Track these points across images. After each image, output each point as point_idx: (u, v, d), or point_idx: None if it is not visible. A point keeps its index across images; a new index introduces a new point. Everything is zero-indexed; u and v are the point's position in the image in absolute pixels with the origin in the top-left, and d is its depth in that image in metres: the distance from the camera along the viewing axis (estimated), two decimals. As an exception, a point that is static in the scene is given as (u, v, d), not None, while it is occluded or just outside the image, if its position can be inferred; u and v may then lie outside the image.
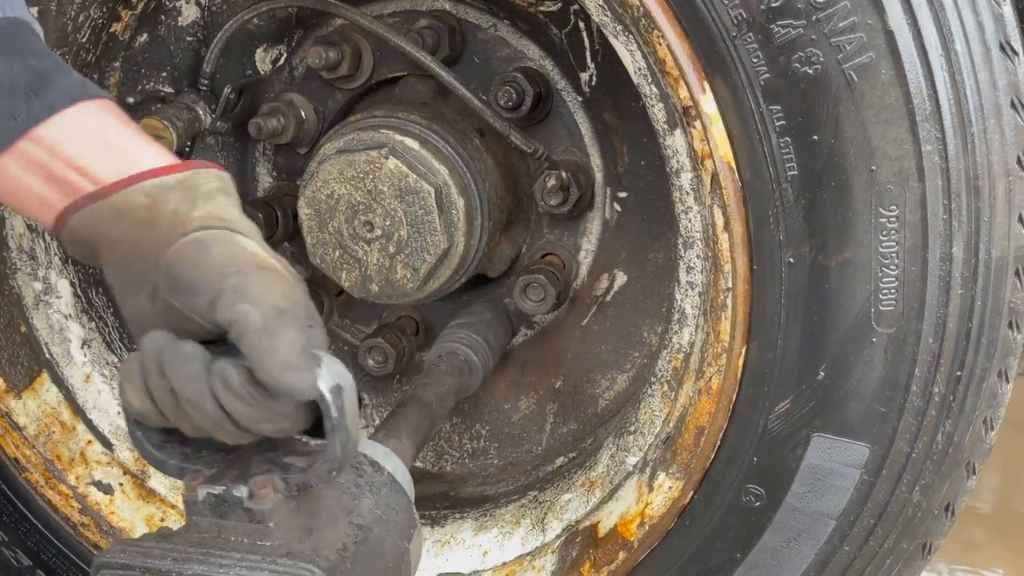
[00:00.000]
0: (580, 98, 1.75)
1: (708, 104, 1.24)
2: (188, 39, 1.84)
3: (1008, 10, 1.17)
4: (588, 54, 1.71)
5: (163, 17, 1.82)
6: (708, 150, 1.27)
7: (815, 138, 1.20)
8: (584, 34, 1.69)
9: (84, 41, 1.69)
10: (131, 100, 1.84)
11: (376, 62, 1.80)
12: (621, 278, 1.84)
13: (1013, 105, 1.18)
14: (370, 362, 1.89)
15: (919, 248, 1.21)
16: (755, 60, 1.20)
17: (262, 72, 1.88)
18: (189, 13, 1.82)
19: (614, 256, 1.83)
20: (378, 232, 1.64)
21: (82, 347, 1.87)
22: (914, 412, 1.27)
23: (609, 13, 1.33)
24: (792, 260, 1.26)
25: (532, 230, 1.86)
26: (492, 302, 1.88)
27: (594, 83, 1.72)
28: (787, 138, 1.21)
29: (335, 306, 2.01)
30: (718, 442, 1.39)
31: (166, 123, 1.73)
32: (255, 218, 1.88)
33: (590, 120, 1.76)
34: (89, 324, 1.89)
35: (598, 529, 1.58)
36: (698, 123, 1.26)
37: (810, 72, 1.18)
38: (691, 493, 1.44)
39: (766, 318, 1.30)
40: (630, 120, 1.72)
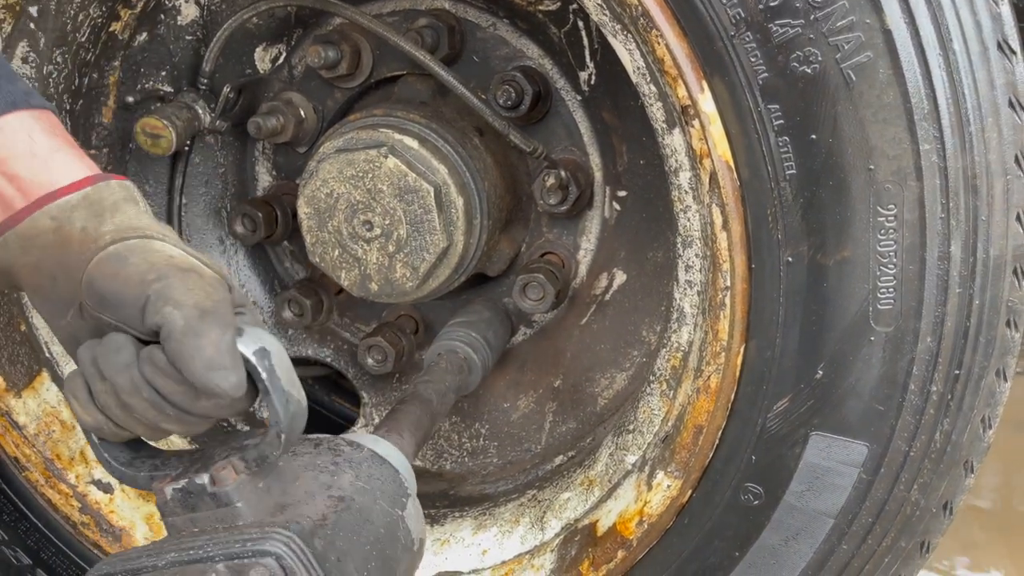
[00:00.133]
0: (579, 97, 1.75)
1: (706, 103, 1.24)
2: (187, 38, 1.84)
3: (1006, 9, 1.17)
4: (587, 53, 1.70)
5: (162, 16, 1.82)
6: (706, 149, 1.27)
7: (813, 137, 1.20)
8: (583, 33, 1.69)
9: (83, 40, 1.69)
10: (130, 99, 1.84)
11: (375, 61, 1.80)
12: (620, 277, 1.83)
13: (1011, 104, 1.18)
14: (369, 361, 1.89)
15: (917, 247, 1.21)
16: (753, 59, 1.20)
17: (261, 71, 1.89)
18: (188, 12, 1.82)
19: (613, 255, 1.83)
20: (377, 231, 1.64)
21: (82, 346, 1.87)
22: (912, 411, 1.27)
23: (608, 12, 1.33)
24: (790, 259, 1.26)
25: (531, 229, 1.86)
26: (491, 301, 1.88)
27: (593, 82, 1.72)
28: (785, 137, 1.21)
29: (334, 305, 2.01)
30: (717, 441, 1.39)
31: (165, 122, 1.73)
32: (255, 217, 1.89)
33: (589, 119, 1.76)
34: (89, 323, 1.89)
35: (597, 528, 1.58)
36: (696, 122, 1.26)
37: (808, 71, 1.18)
38: (690, 492, 1.44)
39: (764, 317, 1.30)
40: (629, 119, 1.72)
